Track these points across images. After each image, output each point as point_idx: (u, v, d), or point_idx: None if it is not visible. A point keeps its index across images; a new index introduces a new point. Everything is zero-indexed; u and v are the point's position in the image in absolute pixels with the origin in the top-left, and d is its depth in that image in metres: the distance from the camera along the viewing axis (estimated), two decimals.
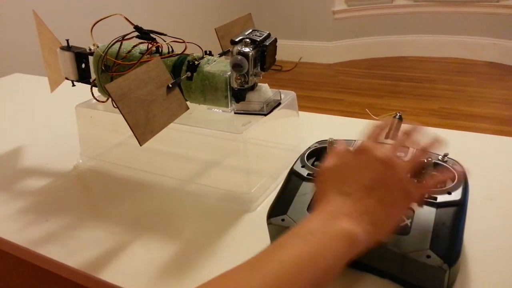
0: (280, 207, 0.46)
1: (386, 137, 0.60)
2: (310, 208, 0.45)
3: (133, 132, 0.47)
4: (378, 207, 0.37)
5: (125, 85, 0.48)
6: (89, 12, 1.90)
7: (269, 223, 0.46)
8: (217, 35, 0.66)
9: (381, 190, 0.38)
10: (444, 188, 0.45)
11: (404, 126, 0.46)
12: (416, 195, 0.40)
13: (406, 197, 0.39)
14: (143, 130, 0.48)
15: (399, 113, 0.64)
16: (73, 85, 0.70)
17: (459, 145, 0.67)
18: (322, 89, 2.83)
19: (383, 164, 0.39)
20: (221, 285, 0.32)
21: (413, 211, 0.43)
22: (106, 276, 0.46)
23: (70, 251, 0.51)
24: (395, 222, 0.39)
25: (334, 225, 0.36)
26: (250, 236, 0.51)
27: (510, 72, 2.82)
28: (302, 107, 0.67)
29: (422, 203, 0.42)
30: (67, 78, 0.69)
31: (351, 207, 0.37)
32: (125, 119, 0.47)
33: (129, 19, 0.59)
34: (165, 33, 0.60)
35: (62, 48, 0.68)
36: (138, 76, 0.50)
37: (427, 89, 2.67)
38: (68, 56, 0.67)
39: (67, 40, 0.68)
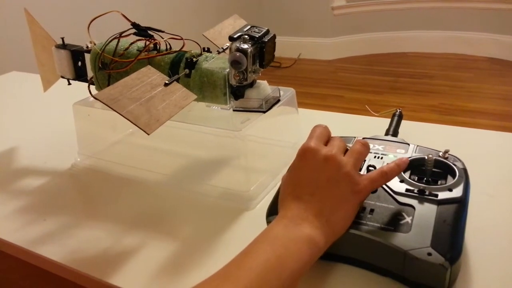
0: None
1: (387, 133, 0.60)
2: None
3: (136, 125, 0.46)
4: (330, 206, 0.40)
5: (116, 91, 0.48)
6: (83, 9, 1.89)
7: (268, 221, 0.46)
8: (207, 38, 0.65)
9: (331, 188, 0.41)
10: (445, 185, 0.44)
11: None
12: (363, 186, 0.41)
13: (354, 190, 0.41)
14: (147, 121, 0.47)
15: (399, 109, 0.64)
16: (69, 84, 0.69)
17: (459, 141, 0.67)
18: (321, 85, 2.82)
19: (327, 161, 0.41)
20: None
21: (414, 209, 0.42)
22: (104, 275, 0.46)
23: (68, 250, 0.50)
24: (347, 217, 0.41)
25: (295, 230, 0.38)
26: (249, 234, 0.50)
27: (510, 68, 2.81)
28: (301, 104, 0.67)
29: (368, 193, 0.42)
30: (62, 77, 0.69)
31: (306, 210, 0.40)
32: (125, 117, 0.46)
33: (126, 16, 0.58)
34: (163, 30, 0.59)
35: (57, 46, 0.67)
36: (128, 83, 0.49)
37: (426, 85, 2.67)
38: (64, 54, 0.66)
39: (62, 38, 0.67)
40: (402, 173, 0.47)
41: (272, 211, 0.46)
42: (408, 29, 3.17)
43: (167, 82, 0.53)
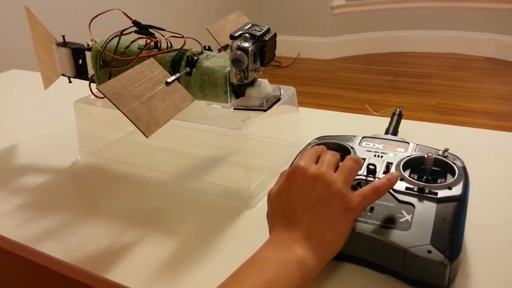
0: None
1: (386, 132, 0.61)
2: None
3: (136, 126, 0.46)
4: (322, 226, 0.39)
5: (119, 85, 0.48)
6: (83, 7, 1.89)
7: (269, 220, 0.46)
8: (210, 33, 0.65)
9: (321, 207, 0.40)
10: (445, 184, 0.45)
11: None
12: (356, 203, 0.40)
13: (346, 208, 0.40)
14: (147, 123, 0.47)
15: (399, 108, 0.64)
16: (70, 82, 0.69)
17: (458, 140, 0.67)
18: (320, 84, 2.82)
19: (317, 180, 0.40)
20: None
21: (414, 207, 0.43)
22: (104, 272, 0.46)
23: (69, 248, 0.50)
24: (341, 236, 0.40)
25: (285, 253, 0.38)
26: (250, 233, 0.51)
27: (508, 68, 2.82)
28: (300, 103, 0.67)
29: (361, 210, 0.42)
30: (63, 75, 0.69)
31: (297, 232, 0.39)
32: (126, 116, 0.46)
33: (127, 14, 0.59)
34: (163, 28, 0.59)
35: (58, 44, 0.67)
36: (131, 76, 0.49)
37: (425, 84, 2.67)
38: (65, 52, 0.66)
39: (63, 36, 0.67)
40: (402, 171, 0.47)
41: None
42: (407, 29, 3.17)
43: (168, 81, 0.53)
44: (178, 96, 0.52)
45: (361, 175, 0.47)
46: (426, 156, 0.47)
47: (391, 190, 0.45)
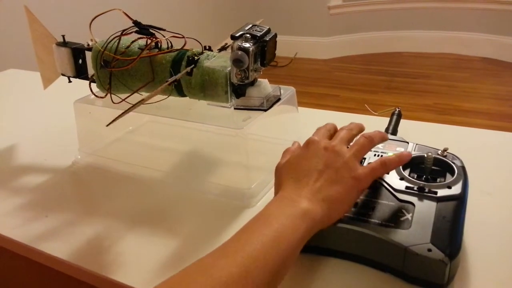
0: None
1: (386, 132, 0.61)
2: None
3: None
4: (328, 186, 0.41)
5: None
6: (83, 7, 1.88)
7: None
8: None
9: (329, 172, 0.42)
10: (444, 183, 0.45)
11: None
12: (363, 173, 0.43)
13: (353, 175, 0.42)
14: None
15: (398, 108, 0.65)
16: (70, 81, 0.69)
17: (457, 140, 0.68)
18: (317, 84, 2.83)
19: (328, 151, 0.44)
20: (195, 269, 0.35)
21: (414, 206, 0.43)
22: (106, 271, 0.46)
23: (70, 247, 0.50)
24: (345, 200, 0.42)
25: (290, 206, 0.40)
26: None
27: (505, 68, 2.84)
28: (297, 103, 0.67)
29: (369, 182, 0.44)
30: (63, 74, 0.69)
31: (304, 189, 0.41)
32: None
33: (128, 14, 0.59)
34: (164, 28, 0.59)
35: (58, 44, 0.67)
36: None
37: (422, 84, 2.69)
38: (65, 52, 0.66)
39: (63, 36, 0.67)
40: (402, 171, 0.47)
41: None
42: (404, 29, 3.18)
43: (168, 80, 0.53)
44: None
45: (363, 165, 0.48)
46: (425, 155, 0.47)
47: (391, 189, 0.45)
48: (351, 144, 0.46)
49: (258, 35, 0.54)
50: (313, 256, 0.45)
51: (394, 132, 0.61)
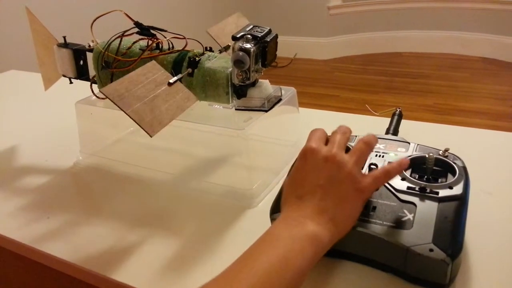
0: None
1: (387, 132, 0.61)
2: None
3: (140, 126, 0.47)
4: (333, 204, 0.40)
5: (122, 87, 0.48)
6: (84, 8, 1.88)
7: (272, 219, 0.46)
8: (210, 35, 0.66)
9: (333, 187, 0.40)
10: (446, 183, 0.45)
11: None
12: (365, 185, 0.41)
13: (357, 188, 0.41)
14: (150, 123, 0.47)
15: (399, 108, 0.65)
16: (71, 82, 0.69)
17: (458, 140, 0.68)
18: (317, 85, 2.83)
19: (328, 161, 0.41)
20: None
21: (415, 206, 0.43)
22: (108, 272, 0.46)
23: (72, 248, 0.50)
24: (352, 215, 0.41)
25: (298, 229, 0.38)
26: (252, 232, 0.51)
27: (504, 68, 2.84)
28: (298, 104, 0.67)
29: (372, 192, 0.43)
30: (64, 76, 0.69)
31: (309, 209, 0.39)
32: (129, 117, 0.47)
33: (129, 15, 0.59)
34: (165, 29, 0.59)
35: (59, 45, 0.67)
36: (133, 79, 0.50)
37: (421, 84, 2.69)
38: (66, 53, 0.67)
39: (64, 37, 0.67)
40: (403, 171, 0.48)
41: (276, 209, 0.46)
42: (404, 29, 3.18)
43: (170, 81, 0.53)
44: (180, 96, 0.52)
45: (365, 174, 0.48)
46: (427, 156, 0.47)
47: (393, 190, 0.45)
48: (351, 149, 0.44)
49: (259, 36, 0.54)
50: None
51: (395, 133, 0.61)
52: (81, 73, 0.68)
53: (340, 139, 0.44)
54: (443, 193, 0.44)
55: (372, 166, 0.48)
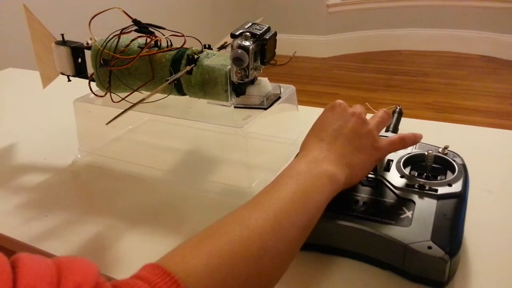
0: None
1: (387, 130, 0.61)
2: None
3: None
4: (351, 152, 0.43)
5: None
6: (82, 6, 1.88)
7: None
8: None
9: (353, 137, 0.44)
10: (445, 180, 0.45)
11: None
12: (382, 145, 0.45)
13: (374, 145, 0.45)
14: None
15: (399, 106, 0.65)
16: (69, 80, 0.69)
17: (458, 138, 0.68)
18: (316, 83, 2.83)
19: (355, 116, 0.45)
20: (230, 219, 0.36)
21: (414, 203, 0.43)
22: (107, 271, 0.46)
23: (71, 246, 0.50)
24: (365, 167, 0.45)
25: (318, 167, 0.41)
26: None
27: (504, 66, 2.84)
28: (297, 102, 0.67)
29: (386, 153, 0.47)
30: (62, 73, 0.69)
31: (329, 151, 0.43)
32: None
33: (127, 13, 0.59)
34: (164, 26, 0.59)
35: (57, 43, 0.67)
36: None
37: (421, 82, 2.69)
38: (64, 50, 0.66)
39: (62, 35, 0.67)
40: (402, 168, 0.48)
41: None
42: (403, 27, 3.18)
43: (168, 79, 0.53)
44: None
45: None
46: (426, 153, 0.47)
47: (391, 187, 0.45)
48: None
49: (258, 33, 0.53)
50: (313, 253, 0.45)
51: (395, 130, 0.61)
52: (79, 71, 0.68)
53: (361, 108, 0.48)
54: (442, 190, 0.44)
55: None
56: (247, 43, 0.52)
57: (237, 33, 0.53)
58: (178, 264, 0.32)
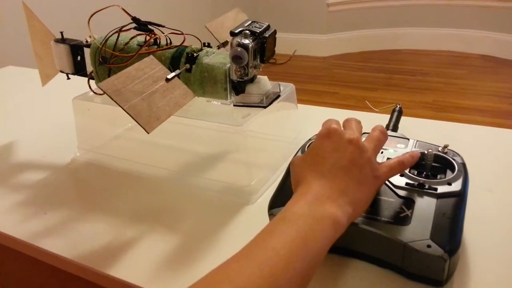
0: (281, 199, 0.46)
1: (386, 128, 0.61)
2: None
3: (137, 122, 0.46)
4: (353, 186, 0.40)
5: (119, 82, 0.48)
6: (82, 3, 1.87)
7: (270, 214, 0.46)
8: (209, 30, 0.65)
9: (353, 169, 0.40)
10: (444, 179, 0.45)
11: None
12: (382, 173, 0.42)
13: (375, 175, 0.42)
14: (148, 119, 0.47)
15: (399, 105, 0.65)
16: (68, 78, 0.69)
17: (458, 137, 0.68)
18: (316, 82, 2.82)
19: (352, 144, 0.41)
20: (220, 277, 0.33)
21: (414, 202, 0.43)
22: (106, 268, 0.46)
23: (70, 244, 0.50)
24: (366, 200, 0.41)
25: (319, 209, 0.37)
26: (250, 228, 0.51)
27: (503, 65, 2.84)
28: (296, 100, 0.67)
29: (386, 180, 0.44)
30: (61, 71, 0.69)
31: (330, 189, 0.39)
32: (126, 112, 0.46)
33: (127, 10, 0.58)
34: (163, 24, 0.59)
35: (57, 41, 0.67)
36: (131, 74, 0.49)
37: (420, 82, 2.68)
38: (63, 48, 0.66)
39: (61, 33, 0.67)
40: None
41: (274, 204, 0.46)
42: (403, 26, 3.18)
43: (168, 77, 0.53)
44: (178, 92, 0.52)
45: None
46: (426, 152, 0.47)
47: (391, 186, 0.45)
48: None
49: (258, 31, 0.53)
50: None
51: (395, 129, 0.61)
52: (79, 69, 0.67)
53: (358, 126, 0.45)
54: (441, 189, 0.44)
55: None
56: (246, 41, 0.52)
57: (236, 31, 0.53)
58: None
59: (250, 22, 0.56)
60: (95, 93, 0.64)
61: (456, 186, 0.44)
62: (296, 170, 0.43)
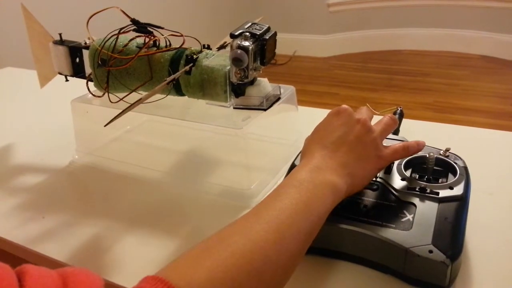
0: None
1: None
2: None
3: None
4: (354, 161, 0.42)
5: None
6: (80, 5, 1.87)
7: None
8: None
9: (357, 146, 0.43)
10: (446, 183, 0.45)
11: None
12: (385, 154, 0.45)
13: (378, 155, 0.44)
14: None
15: (400, 107, 0.64)
16: (67, 80, 0.68)
17: (459, 140, 0.67)
18: (316, 83, 2.82)
19: (360, 123, 0.44)
20: (231, 231, 0.36)
21: (415, 206, 0.43)
22: (104, 273, 0.46)
23: (67, 248, 0.50)
24: (367, 176, 0.44)
25: (320, 176, 0.40)
26: None
27: (505, 66, 2.83)
28: (297, 101, 0.67)
29: (389, 162, 0.46)
30: (60, 73, 0.68)
31: (332, 159, 0.42)
32: None
33: (126, 12, 0.58)
34: (162, 26, 0.59)
35: (55, 43, 0.66)
36: None
37: (421, 82, 2.68)
38: (62, 50, 0.66)
39: (60, 34, 0.66)
40: (403, 171, 0.47)
41: None
42: (404, 27, 3.17)
43: (166, 79, 0.53)
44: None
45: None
46: (427, 155, 0.47)
47: (392, 190, 0.45)
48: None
49: (258, 33, 0.53)
50: (314, 257, 0.45)
51: (396, 132, 0.61)
52: (77, 71, 0.67)
53: (368, 112, 0.47)
54: (443, 193, 0.43)
55: None
56: (246, 43, 0.52)
57: (236, 33, 0.52)
58: (181, 278, 0.31)
59: (250, 24, 0.55)
60: (93, 95, 0.64)
61: (458, 190, 0.44)
62: (305, 143, 0.46)
